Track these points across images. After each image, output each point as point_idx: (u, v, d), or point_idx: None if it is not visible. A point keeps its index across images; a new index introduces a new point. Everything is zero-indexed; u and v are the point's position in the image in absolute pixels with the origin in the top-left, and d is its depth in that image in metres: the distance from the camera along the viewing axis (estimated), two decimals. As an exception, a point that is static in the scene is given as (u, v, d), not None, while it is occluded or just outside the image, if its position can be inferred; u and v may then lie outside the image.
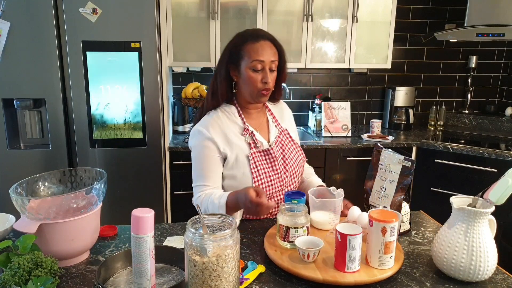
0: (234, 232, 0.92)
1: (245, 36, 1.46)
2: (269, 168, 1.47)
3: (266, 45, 1.44)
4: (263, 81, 1.43)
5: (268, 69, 1.44)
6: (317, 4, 2.88)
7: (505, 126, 3.28)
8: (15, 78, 2.31)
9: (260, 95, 1.46)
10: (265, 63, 1.43)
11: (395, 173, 1.31)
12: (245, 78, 1.44)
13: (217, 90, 1.50)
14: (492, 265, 1.08)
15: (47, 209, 1.14)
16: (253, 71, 1.43)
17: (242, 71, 1.45)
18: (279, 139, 1.55)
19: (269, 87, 1.45)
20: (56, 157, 2.43)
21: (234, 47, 1.46)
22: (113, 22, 2.33)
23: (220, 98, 1.51)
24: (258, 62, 1.42)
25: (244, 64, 1.44)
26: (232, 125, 1.49)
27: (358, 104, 3.43)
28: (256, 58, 1.41)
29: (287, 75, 1.56)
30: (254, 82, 1.44)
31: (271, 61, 1.44)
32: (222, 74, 1.48)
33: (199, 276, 0.90)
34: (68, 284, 1.08)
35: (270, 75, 1.44)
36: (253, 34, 1.45)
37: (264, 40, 1.44)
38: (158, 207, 2.59)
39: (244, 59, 1.43)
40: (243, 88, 1.48)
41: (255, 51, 1.42)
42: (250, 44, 1.43)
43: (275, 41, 1.48)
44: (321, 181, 1.67)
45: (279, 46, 1.48)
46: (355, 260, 1.08)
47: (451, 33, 3.00)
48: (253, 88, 1.45)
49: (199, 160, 1.47)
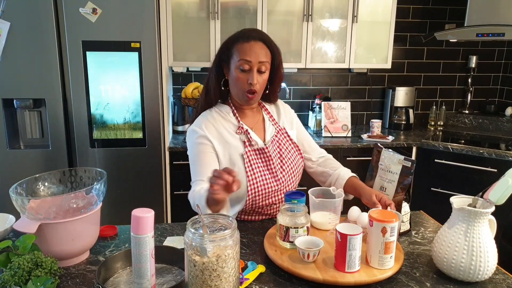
0: (234, 232, 0.92)
1: (238, 35, 1.45)
2: (264, 167, 1.47)
3: (257, 46, 1.41)
4: (249, 82, 1.41)
5: (255, 70, 1.41)
6: (317, 4, 2.88)
7: (505, 126, 3.28)
8: (15, 78, 2.31)
9: (245, 97, 1.44)
10: (252, 64, 1.40)
11: (395, 173, 1.31)
12: (233, 77, 1.44)
13: (210, 89, 1.50)
14: (492, 265, 1.08)
15: (47, 209, 1.14)
16: (240, 71, 1.42)
17: (231, 70, 1.44)
18: (276, 138, 1.54)
19: (254, 88, 1.42)
20: (56, 157, 2.43)
21: (226, 46, 1.46)
22: (113, 22, 2.33)
23: (213, 96, 1.50)
24: (245, 62, 1.40)
25: (233, 63, 1.43)
26: (226, 124, 1.49)
27: (358, 104, 3.43)
28: (243, 57, 1.40)
29: (283, 77, 1.53)
30: (241, 83, 1.42)
31: (260, 62, 1.41)
32: (214, 71, 1.49)
33: (199, 276, 0.90)
34: (68, 284, 1.08)
35: (257, 76, 1.42)
36: (245, 34, 1.43)
37: (255, 41, 1.42)
38: (158, 207, 2.59)
39: (233, 57, 1.43)
40: (231, 87, 1.48)
41: (243, 51, 1.40)
42: (240, 44, 1.42)
43: (267, 42, 1.45)
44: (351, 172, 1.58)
45: (272, 47, 1.45)
46: (355, 260, 1.08)
47: (451, 33, 3.00)
48: (239, 88, 1.44)
49: (195, 157, 1.46)
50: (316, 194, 1.39)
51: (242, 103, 1.50)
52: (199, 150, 1.45)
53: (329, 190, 1.41)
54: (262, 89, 1.47)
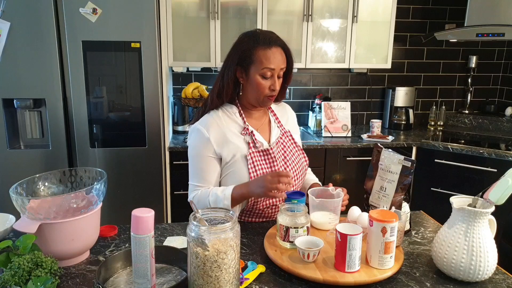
0: (234, 225, 0.95)
1: (257, 39, 1.42)
2: (268, 169, 1.47)
3: (278, 52, 1.42)
4: (271, 89, 1.43)
5: (276, 76, 1.43)
6: (317, 4, 2.88)
7: (505, 126, 3.28)
8: (15, 78, 2.31)
9: (266, 100, 1.46)
10: (275, 71, 1.42)
11: (395, 173, 1.31)
12: (253, 83, 1.43)
13: (222, 90, 1.47)
14: (492, 265, 1.08)
15: (47, 209, 1.14)
16: (263, 78, 1.42)
17: (251, 75, 1.43)
18: (280, 140, 1.55)
19: (276, 94, 1.45)
20: (56, 157, 2.43)
21: (245, 50, 1.43)
22: (113, 22, 2.33)
23: (224, 98, 1.49)
24: (268, 70, 1.40)
25: (254, 70, 1.42)
26: (232, 124, 1.49)
27: (358, 104, 3.43)
28: (267, 65, 1.40)
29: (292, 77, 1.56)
30: (262, 89, 1.43)
31: (281, 69, 1.43)
32: (229, 75, 1.45)
33: (200, 267, 0.93)
34: (68, 284, 1.08)
35: (277, 82, 1.44)
36: (266, 39, 1.42)
37: (276, 47, 1.42)
38: (158, 207, 2.59)
39: (254, 64, 1.41)
40: (249, 92, 1.47)
41: (266, 58, 1.40)
42: (262, 50, 1.40)
43: (285, 47, 1.46)
44: (317, 179, 1.68)
45: (288, 51, 1.47)
46: (355, 260, 1.08)
47: (451, 33, 3.00)
48: (260, 94, 1.44)
49: (195, 160, 1.48)
50: (315, 194, 1.39)
51: (259, 106, 1.50)
52: (200, 154, 1.46)
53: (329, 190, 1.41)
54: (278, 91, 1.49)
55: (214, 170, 1.47)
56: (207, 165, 1.46)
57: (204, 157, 1.45)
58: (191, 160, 1.49)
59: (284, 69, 1.46)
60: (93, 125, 2.44)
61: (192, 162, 1.49)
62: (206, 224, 0.98)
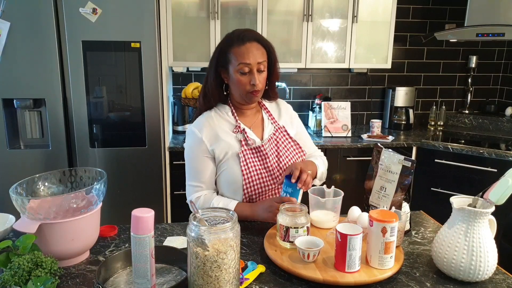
0: (234, 225, 0.95)
1: (232, 39, 1.45)
2: (261, 166, 1.49)
3: (252, 47, 1.43)
4: (251, 83, 1.44)
5: (255, 70, 1.43)
6: (317, 4, 2.88)
7: (505, 126, 3.28)
8: (15, 78, 2.31)
9: (250, 96, 1.47)
10: (252, 66, 1.42)
11: (395, 173, 1.31)
12: (234, 81, 1.46)
13: (207, 92, 1.52)
14: (492, 265, 1.08)
15: (47, 209, 1.14)
16: (241, 74, 1.43)
17: (231, 74, 1.46)
18: (274, 136, 1.56)
19: (258, 88, 1.45)
20: (56, 157, 2.43)
21: (221, 52, 1.47)
22: (113, 22, 2.33)
23: (212, 100, 1.53)
24: (244, 65, 1.42)
25: (232, 68, 1.44)
26: (224, 124, 1.52)
27: (358, 104, 3.43)
28: (242, 61, 1.41)
29: (279, 73, 1.56)
30: (243, 85, 1.45)
31: (258, 63, 1.43)
32: (212, 77, 1.50)
33: (200, 267, 0.93)
34: (68, 284, 1.08)
35: (258, 76, 1.44)
36: (239, 37, 1.44)
37: (250, 42, 1.43)
38: (158, 207, 2.59)
39: (231, 62, 1.44)
40: (234, 91, 1.51)
41: (241, 55, 1.42)
42: (236, 48, 1.43)
43: (262, 41, 1.47)
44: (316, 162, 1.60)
45: (267, 45, 1.47)
46: (355, 260, 1.08)
47: (451, 33, 3.00)
48: (242, 90, 1.46)
49: (190, 160, 1.54)
50: (314, 193, 1.40)
51: (245, 103, 1.52)
52: (195, 155, 1.51)
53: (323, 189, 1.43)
54: (263, 87, 1.50)
55: (209, 169, 1.51)
56: (202, 164, 1.50)
57: (199, 157, 1.50)
58: (187, 161, 1.55)
59: (265, 62, 1.46)
60: (93, 125, 2.44)
61: (188, 163, 1.54)
62: (206, 224, 0.98)
